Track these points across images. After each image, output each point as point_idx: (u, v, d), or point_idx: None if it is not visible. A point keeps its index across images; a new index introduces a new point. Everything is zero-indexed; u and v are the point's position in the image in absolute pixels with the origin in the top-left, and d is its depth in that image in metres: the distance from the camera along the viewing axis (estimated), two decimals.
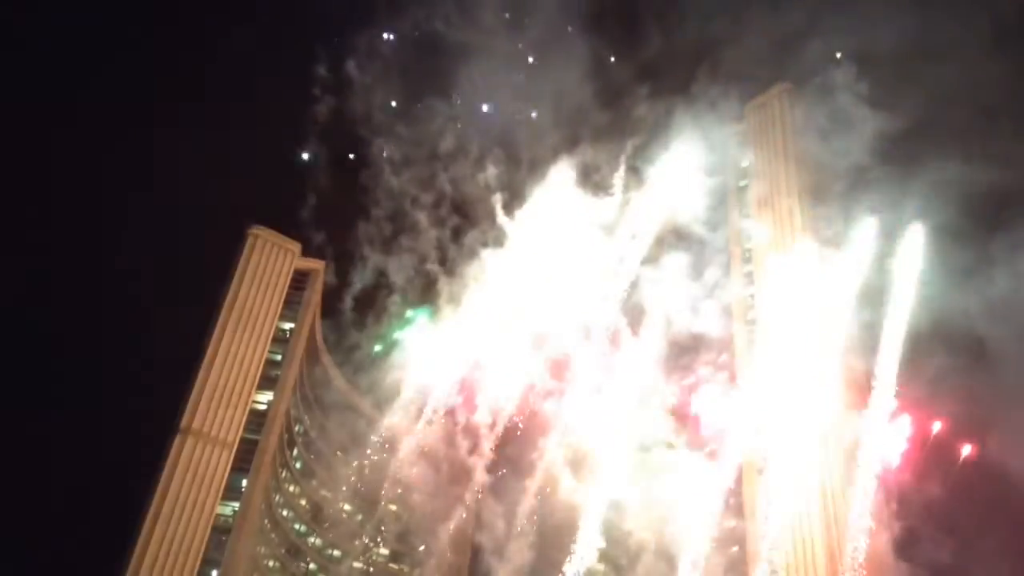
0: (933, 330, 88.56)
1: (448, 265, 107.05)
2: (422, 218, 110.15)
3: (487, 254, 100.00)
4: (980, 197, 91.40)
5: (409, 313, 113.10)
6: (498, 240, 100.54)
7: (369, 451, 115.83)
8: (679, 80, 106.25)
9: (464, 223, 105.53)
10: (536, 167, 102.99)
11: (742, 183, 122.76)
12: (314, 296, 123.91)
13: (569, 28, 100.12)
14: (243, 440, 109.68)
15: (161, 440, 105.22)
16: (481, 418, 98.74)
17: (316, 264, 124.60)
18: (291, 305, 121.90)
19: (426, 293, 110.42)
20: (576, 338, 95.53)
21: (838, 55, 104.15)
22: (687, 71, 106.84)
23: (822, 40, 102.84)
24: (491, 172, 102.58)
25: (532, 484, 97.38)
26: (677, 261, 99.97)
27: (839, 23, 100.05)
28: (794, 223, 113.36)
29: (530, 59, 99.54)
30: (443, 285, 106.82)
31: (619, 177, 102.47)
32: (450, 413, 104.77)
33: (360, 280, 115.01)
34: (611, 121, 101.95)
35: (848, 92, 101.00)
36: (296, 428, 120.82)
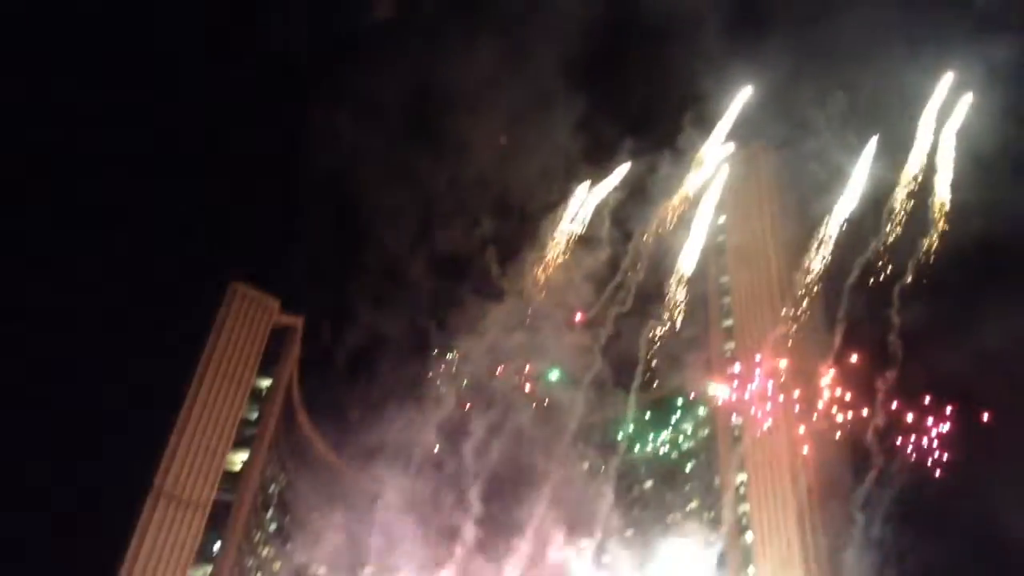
0: None
1: (437, 321, 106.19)
2: (409, 272, 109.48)
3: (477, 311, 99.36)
4: None
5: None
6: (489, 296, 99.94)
7: (348, 512, 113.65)
8: (660, 135, 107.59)
9: (453, 278, 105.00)
10: (523, 221, 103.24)
11: (720, 238, 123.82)
12: (292, 353, 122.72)
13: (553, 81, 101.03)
14: (216, 502, 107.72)
15: (134, 501, 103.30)
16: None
17: (295, 320, 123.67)
18: (269, 362, 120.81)
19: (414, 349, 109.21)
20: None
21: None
22: (668, 126, 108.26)
23: (803, 99, 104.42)
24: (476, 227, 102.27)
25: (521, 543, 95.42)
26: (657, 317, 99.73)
27: (821, 81, 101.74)
28: (771, 280, 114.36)
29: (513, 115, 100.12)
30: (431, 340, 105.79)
31: (604, 230, 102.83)
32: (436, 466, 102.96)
33: (342, 337, 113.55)
34: (595, 175, 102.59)
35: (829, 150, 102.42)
36: (271, 489, 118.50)
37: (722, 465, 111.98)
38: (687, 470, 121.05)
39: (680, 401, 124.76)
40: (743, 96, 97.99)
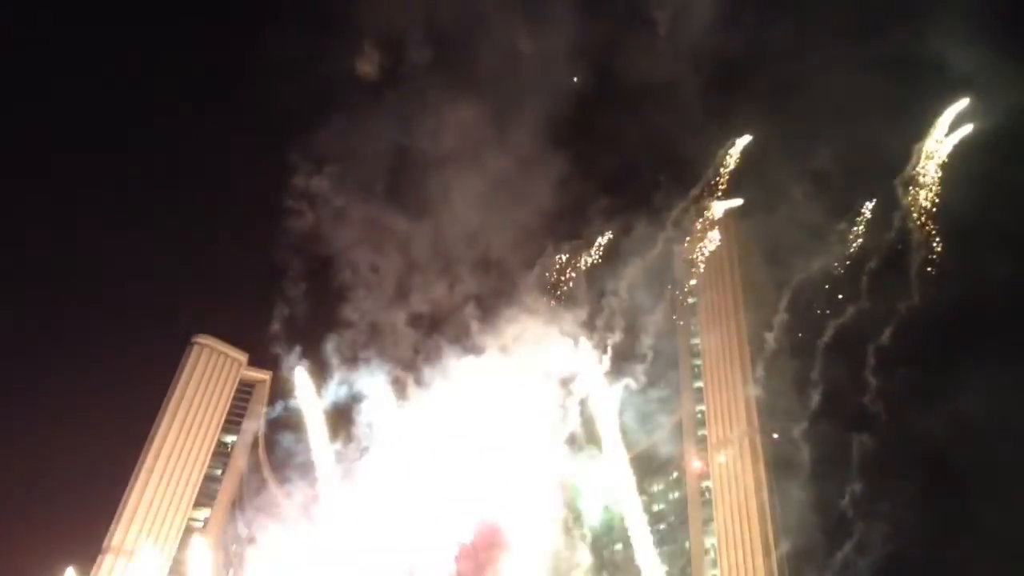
0: None
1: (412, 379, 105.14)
2: (385, 329, 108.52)
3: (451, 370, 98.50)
4: None
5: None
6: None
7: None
8: (633, 196, 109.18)
9: (429, 336, 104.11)
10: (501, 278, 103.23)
11: (691, 300, 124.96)
12: (258, 408, 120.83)
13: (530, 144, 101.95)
14: (176, 560, 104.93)
15: (90, 558, 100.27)
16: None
17: (263, 375, 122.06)
18: (234, 417, 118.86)
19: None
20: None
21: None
22: (642, 187, 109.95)
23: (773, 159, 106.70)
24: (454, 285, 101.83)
25: None
26: (631, 377, 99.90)
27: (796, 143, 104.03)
28: (741, 342, 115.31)
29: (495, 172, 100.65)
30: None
31: (579, 291, 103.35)
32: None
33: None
34: (569, 236, 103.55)
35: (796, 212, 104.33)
36: (232, 548, 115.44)
37: (692, 529, 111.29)
38: (658, 533, 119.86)
39: (652, 463, 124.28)
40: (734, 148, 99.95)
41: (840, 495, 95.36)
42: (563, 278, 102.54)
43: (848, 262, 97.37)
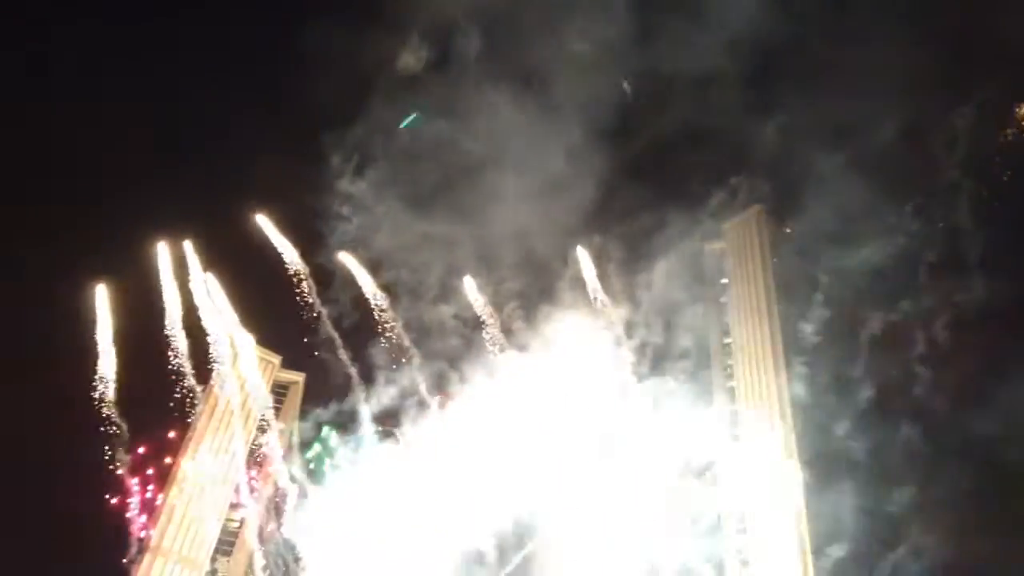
0: None
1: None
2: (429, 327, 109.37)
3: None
4: None
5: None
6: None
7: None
8: (664, 193, 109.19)
9: (460, 344, 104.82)
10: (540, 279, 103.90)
11: (722, 299, 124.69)
12: (292, 410, 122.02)
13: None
14: (213, 559, 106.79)
15: (130, 559, 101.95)
16: None
17: (296, 376, 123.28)
18: (268, 419, 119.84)
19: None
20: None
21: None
22: (673, 183, 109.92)
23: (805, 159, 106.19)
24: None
25: None
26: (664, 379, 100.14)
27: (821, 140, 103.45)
28: (772, 340, 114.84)
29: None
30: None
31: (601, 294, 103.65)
32: None
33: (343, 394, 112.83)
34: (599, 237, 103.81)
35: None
36: (270, 547, 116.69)
37: (725, 530, 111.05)
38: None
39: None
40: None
41: (882, 495, 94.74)
42: (599, 275, 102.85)
43: (896, 252, 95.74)
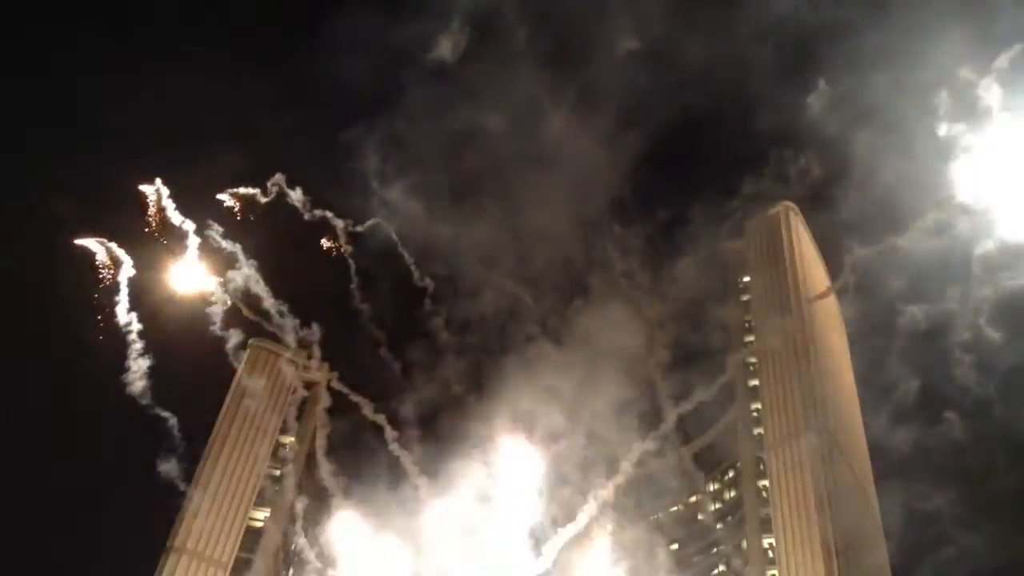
0: None
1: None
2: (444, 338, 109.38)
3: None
4: None
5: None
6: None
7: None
8: (688, 192, 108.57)
9: (498, 342, 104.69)
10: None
11: (744, 298, 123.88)
12: (316, 410, 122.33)
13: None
14: (237, 559, 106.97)
15: (153, 558, 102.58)
16: None
17: (320, 376, 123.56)
18: (290, 419, 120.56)
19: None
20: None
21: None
22: (695, 184, 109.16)
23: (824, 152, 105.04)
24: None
25: None
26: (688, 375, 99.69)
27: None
28: (795, 336, 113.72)
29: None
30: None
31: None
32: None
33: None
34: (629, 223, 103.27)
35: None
36: (292, 547, 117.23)
37: (749, 528, 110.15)
38: (715, 532, 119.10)
39: (708, 462, 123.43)
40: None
41: (911, 494, 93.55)
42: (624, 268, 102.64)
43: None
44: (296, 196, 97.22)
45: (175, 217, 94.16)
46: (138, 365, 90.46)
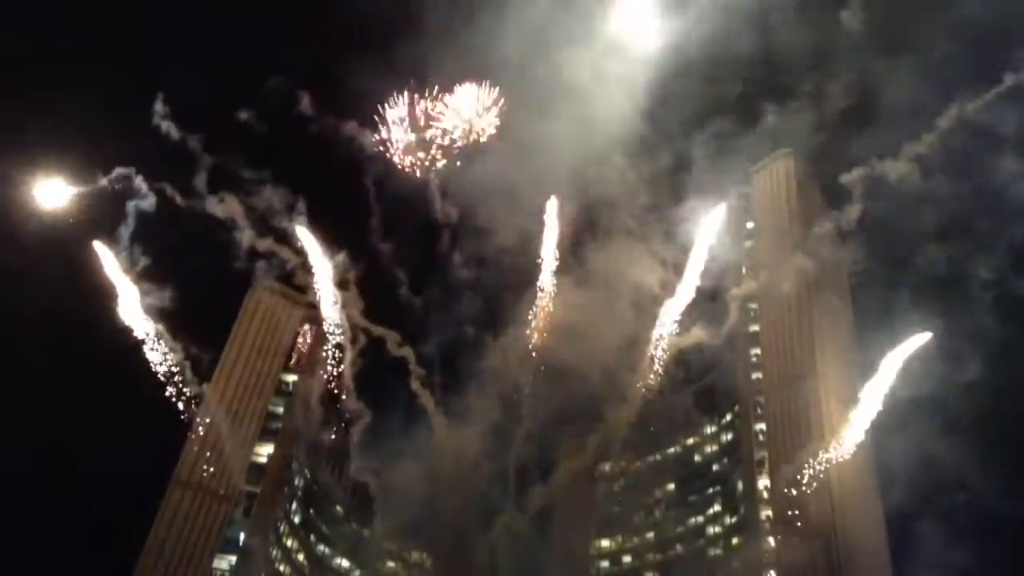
0: None
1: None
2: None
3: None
4: None
5: None
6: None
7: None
8: (690, 138, 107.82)
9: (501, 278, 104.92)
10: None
11: (747, 244, 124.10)
12: (317, 349, 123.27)
13: None
14: (241, 493, 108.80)
15: (159, 490, 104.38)
16: None
17: (320, 316, 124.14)
18: (294, 357, 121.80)
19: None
20: None
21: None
22: (700, 129, 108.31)
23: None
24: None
25: None
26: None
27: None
28: (796, 281, 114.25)
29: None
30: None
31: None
32: None
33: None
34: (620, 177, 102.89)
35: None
36: (296, 482, 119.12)
37: (745, 470, 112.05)
38: (711, 474, 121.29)
39: (705, 405, 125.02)
40: None
41: (905, 440, 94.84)
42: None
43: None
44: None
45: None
46: (148, 295, 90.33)
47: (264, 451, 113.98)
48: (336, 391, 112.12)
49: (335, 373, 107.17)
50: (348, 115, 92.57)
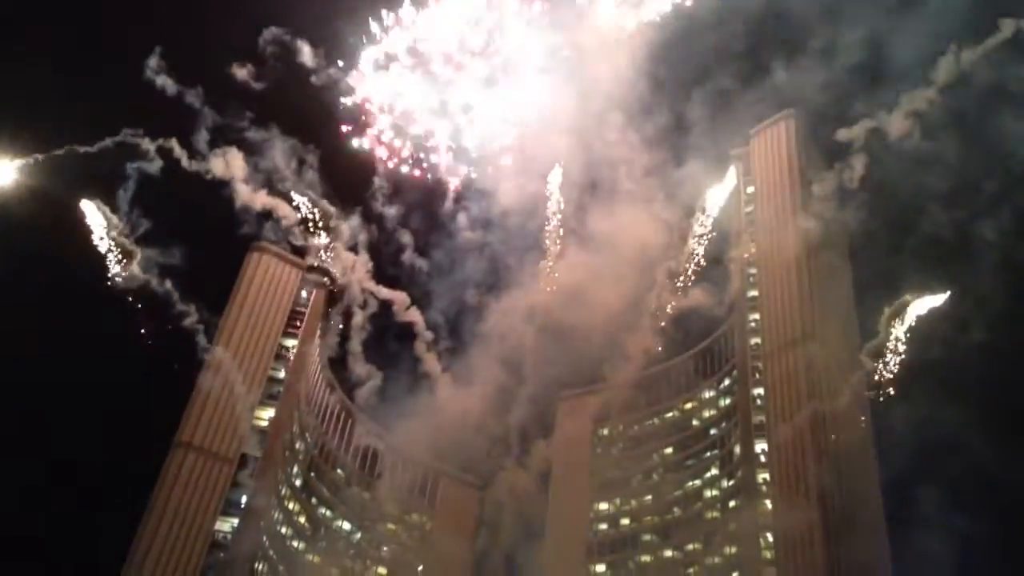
0: None
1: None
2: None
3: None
4: None
5: None
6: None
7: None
8: (690, 101, 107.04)
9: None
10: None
11: (747, 209, 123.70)
12: (318, 313, 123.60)
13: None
14: (243, 456, 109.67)
15: (161, 454, 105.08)
16: None
17: (321, 281, 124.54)
18: (295, 322, 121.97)
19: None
20: None
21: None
22: (701, 93, 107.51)
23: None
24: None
25: None
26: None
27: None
28: (794, 245, 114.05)
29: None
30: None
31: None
32: None
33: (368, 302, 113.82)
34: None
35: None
36: (298, 445, 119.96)
37: (742, 434, 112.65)
38: (708, 438, 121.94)
39: (704, 371, 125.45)
40: None
41: (905, 405, 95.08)
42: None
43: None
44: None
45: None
46: (151, 258, 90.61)
47: (266, 414, 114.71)
48: (342, 354, 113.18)
49: (341, 336, 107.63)
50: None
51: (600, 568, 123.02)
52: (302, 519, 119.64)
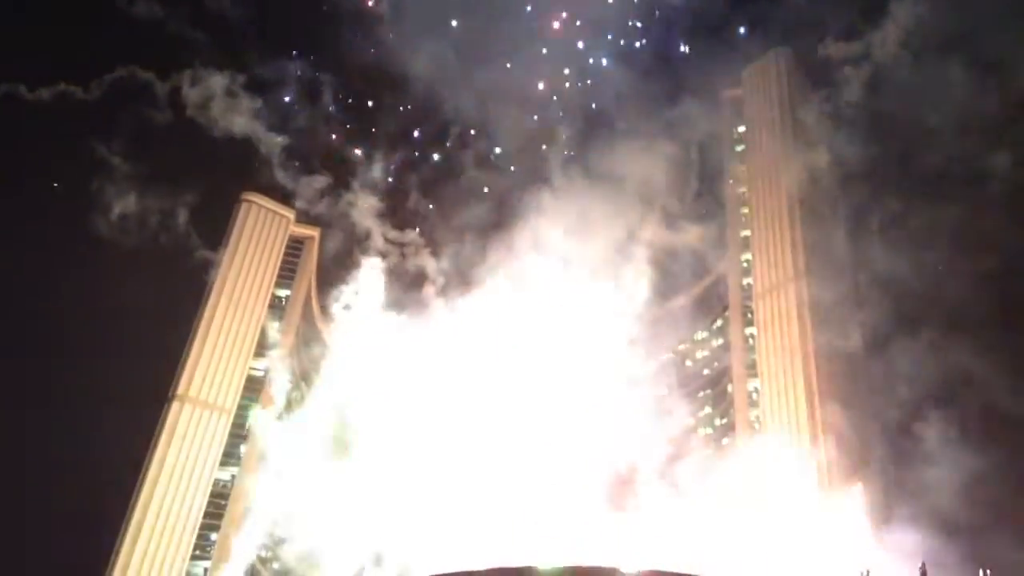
0: None
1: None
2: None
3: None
4: None
5: None
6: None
7: None
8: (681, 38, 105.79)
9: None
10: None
11: (739, 148, 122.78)
12: (310, 263, 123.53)
13: None
14: (240, 407, 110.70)
15: (159, 407, 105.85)
16: None
17: (312, 231, 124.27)
18: (287, 272, 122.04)
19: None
20: None
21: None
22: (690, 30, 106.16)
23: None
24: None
25: None
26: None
27: None
28: (787, 184, 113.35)
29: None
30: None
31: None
32: None
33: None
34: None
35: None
36: (293, 395, 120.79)
37: (735, 373, 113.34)
38: (702, 378, 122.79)
39: (697, 310, 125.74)
40: None
41: (891, 342, 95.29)
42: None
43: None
44: None
45: None
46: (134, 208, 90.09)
47: (260, 365, 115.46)
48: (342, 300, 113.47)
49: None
50: None
51: None
52: None
